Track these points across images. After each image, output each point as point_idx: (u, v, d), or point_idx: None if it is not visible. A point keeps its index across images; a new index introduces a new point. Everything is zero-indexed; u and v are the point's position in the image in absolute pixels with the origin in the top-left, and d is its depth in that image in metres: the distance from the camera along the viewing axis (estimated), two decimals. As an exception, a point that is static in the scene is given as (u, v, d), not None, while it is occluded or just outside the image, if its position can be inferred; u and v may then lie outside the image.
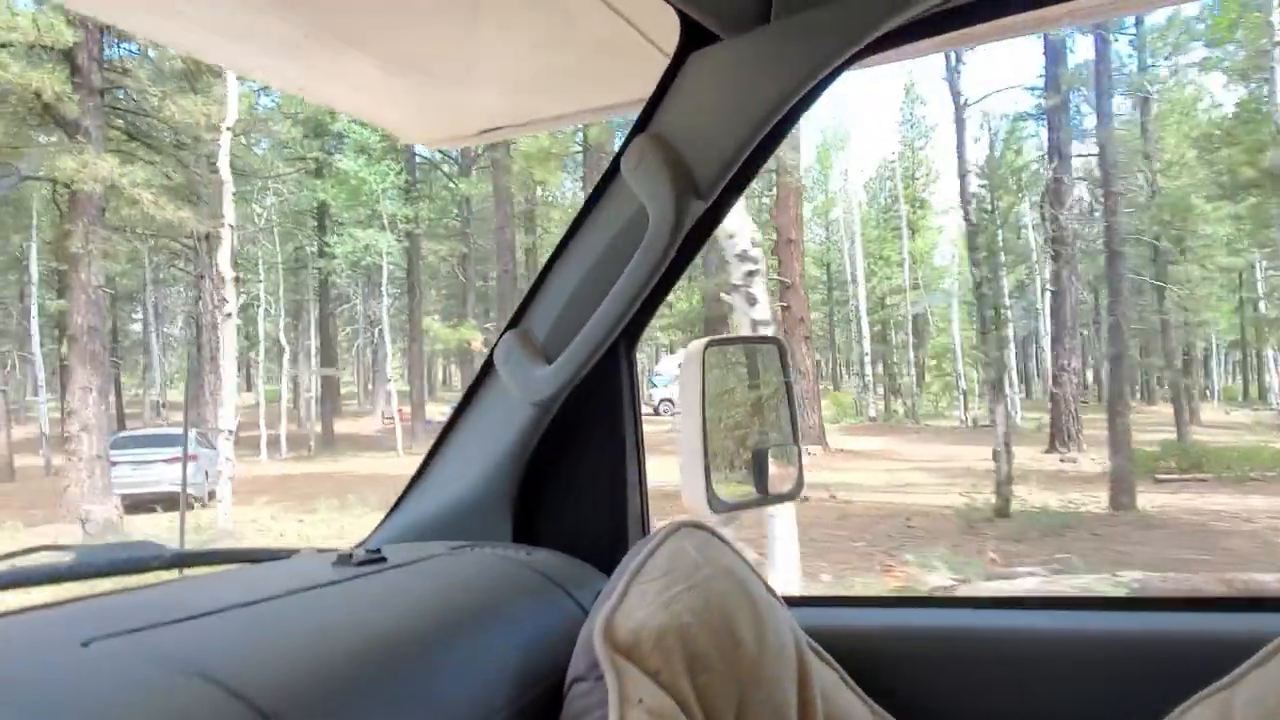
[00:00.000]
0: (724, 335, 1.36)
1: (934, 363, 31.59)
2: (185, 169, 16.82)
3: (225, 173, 12.75)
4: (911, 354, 31.77)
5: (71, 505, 12.72)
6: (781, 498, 1.28)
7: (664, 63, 1.11)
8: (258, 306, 29.07)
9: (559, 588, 1.03)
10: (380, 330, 28.25)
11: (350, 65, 1.20)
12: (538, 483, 1.20)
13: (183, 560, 0.99)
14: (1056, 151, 16.01)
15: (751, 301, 5.42)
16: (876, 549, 8.88)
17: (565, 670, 0.88)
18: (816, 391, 19.71)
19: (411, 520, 1.21)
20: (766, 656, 0.96)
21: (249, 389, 38.85)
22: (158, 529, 12.54)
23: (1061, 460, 15.82)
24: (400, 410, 25.29)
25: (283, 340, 28.39)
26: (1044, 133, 19.49)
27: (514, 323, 1.18)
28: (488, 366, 1.19)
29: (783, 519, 5.36)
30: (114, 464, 14.01)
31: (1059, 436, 16.89)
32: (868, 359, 30.57)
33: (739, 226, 5.43)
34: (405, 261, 28.22)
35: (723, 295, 6.38)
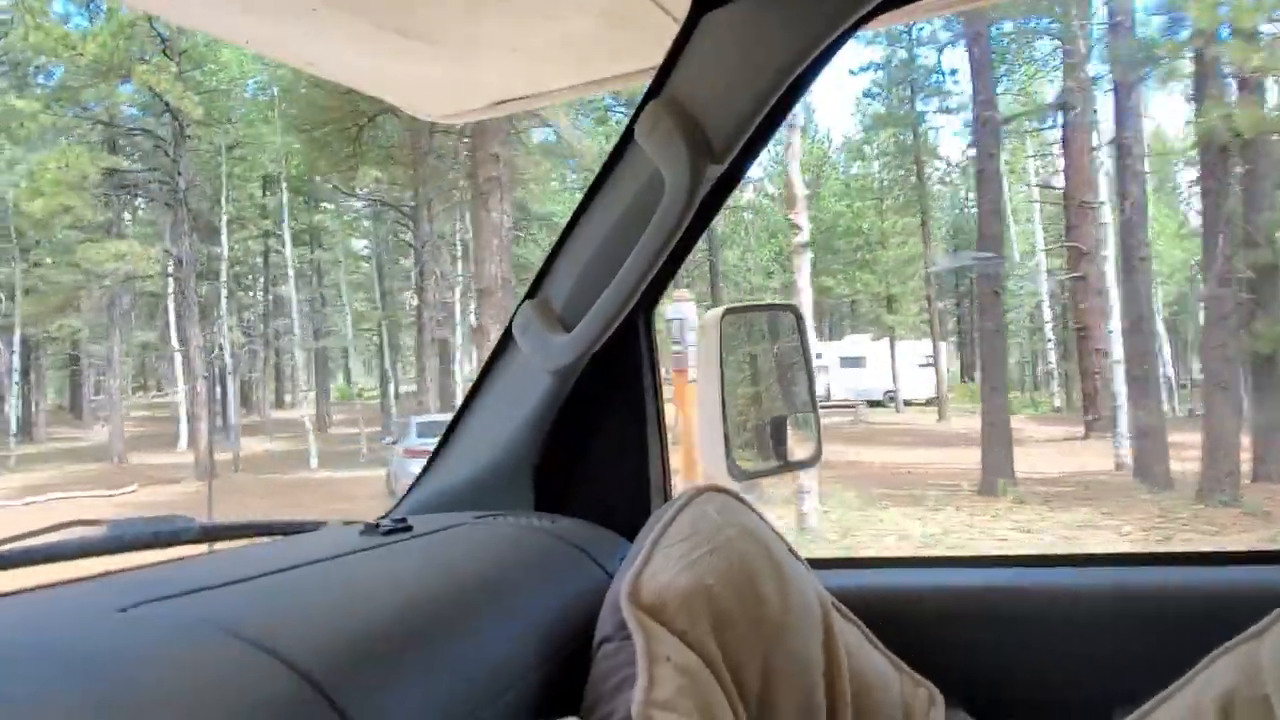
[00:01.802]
0: (741, 304, 1.36)
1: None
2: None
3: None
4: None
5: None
6: (800, 465, 1.27)
7: (676, 29, 1.11)
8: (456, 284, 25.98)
9: (584, 553, 1.04)
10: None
11: (358, 38, 1.20)
12: (559, 451, 1.21)
13: (212, 534, 1.00)
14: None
15: None
16: None
17: (592, 633, 0.90)
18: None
19: (436, 491, 1.23)
20: (791, 615, 0.96)
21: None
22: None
23: None
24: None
25: (473, 320, 25.95)
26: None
27: (531, 292, 1.18)
28: (507, 336, 1.20)
29: None
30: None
31: None
32: (1051, 345, 28.35)
33: None
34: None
35: None
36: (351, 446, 21.70)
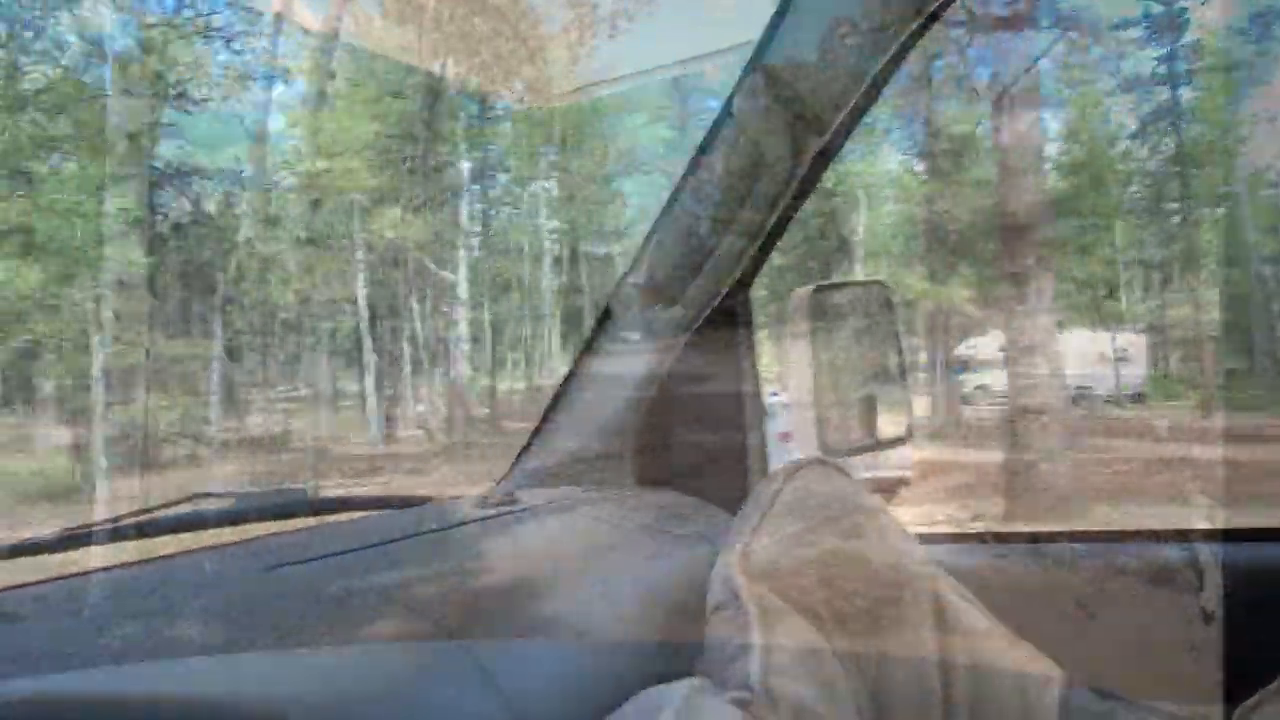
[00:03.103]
0: (830, 281, 1.33)
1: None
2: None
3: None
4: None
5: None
6: (892, 442, 1.24)
7: (770, 3, 1.10)
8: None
9: (688, 526, 1.05)
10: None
11: (464, 33, 1.25)
12: (660, 427, 1.22)
13: (328, 506, 1.05)
14: None
15: None
16: None
17: (702, 604, 0.89)
18: None
19: (539, 466, 1.25)
20: (901, 590, 0.95)
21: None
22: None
23: None
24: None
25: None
26: None
27: (632, 269, 1.19)
28: (607, 313, 1.21)
29: None
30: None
31: None
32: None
33: None
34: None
35: None
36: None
